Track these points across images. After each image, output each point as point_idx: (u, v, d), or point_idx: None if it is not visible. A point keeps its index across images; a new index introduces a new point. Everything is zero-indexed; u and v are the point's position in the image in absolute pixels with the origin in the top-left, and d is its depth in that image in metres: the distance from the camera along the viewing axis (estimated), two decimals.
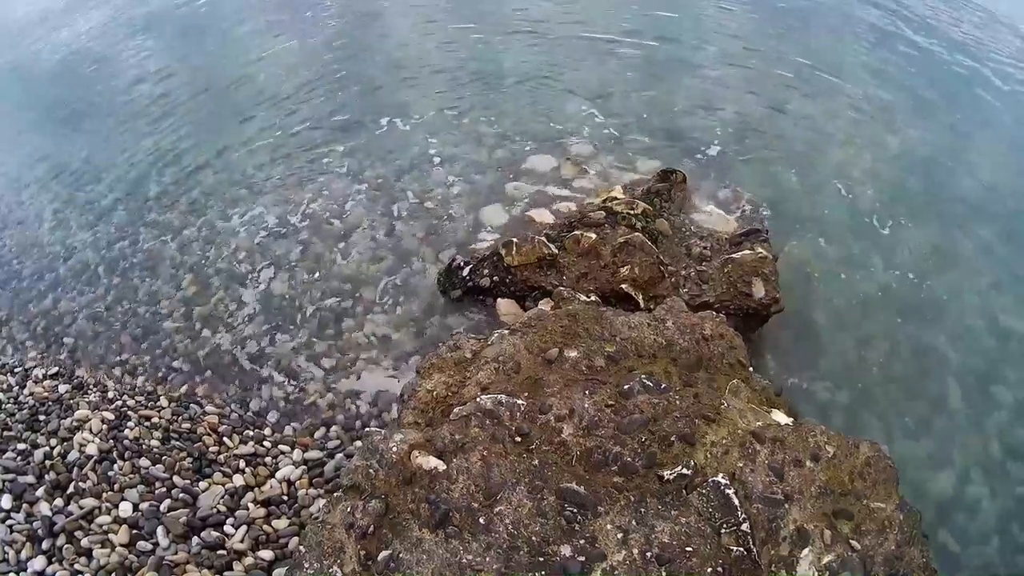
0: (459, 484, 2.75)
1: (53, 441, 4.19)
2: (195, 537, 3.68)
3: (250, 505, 3.94)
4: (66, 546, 3.54)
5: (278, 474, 4.18)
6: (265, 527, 3.82)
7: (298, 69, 8.62)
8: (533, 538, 2.57)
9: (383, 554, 2.60)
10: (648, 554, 2.52)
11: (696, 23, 9.23)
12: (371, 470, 2.86)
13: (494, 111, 7.42)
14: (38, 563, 3.46)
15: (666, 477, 2.77)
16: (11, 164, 7.91)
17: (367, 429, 4.43)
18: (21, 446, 4.13)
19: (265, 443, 4.45)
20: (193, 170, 7.15)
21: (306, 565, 2.62)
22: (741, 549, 2.56)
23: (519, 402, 3.11)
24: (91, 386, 4.84)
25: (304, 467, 4.25)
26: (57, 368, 5.12)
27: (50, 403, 4.60)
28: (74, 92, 9.11)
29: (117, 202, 6.94)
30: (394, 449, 2.90)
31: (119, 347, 5.36)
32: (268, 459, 4.32)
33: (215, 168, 7.13)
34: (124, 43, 10.25)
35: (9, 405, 4.58)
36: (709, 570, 2.49)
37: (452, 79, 8.05)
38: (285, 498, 4.05)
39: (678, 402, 3.12)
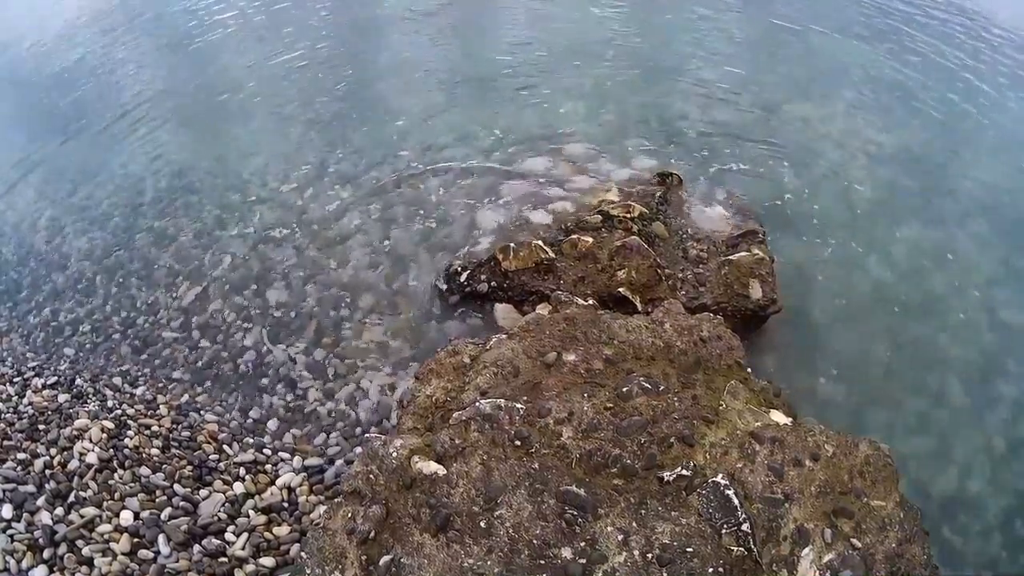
0: (459, 488, 2.75)
1: (53, 450, 4.18)
2: (196, 545, 3.67)
3: (251, 512, 3.94)
4: (67, 555, 3.53)
5: (278, 481, 4.18)
6: (266, 534, 3.82)
7: (293, 75, 8.64)
8: (534, 541, 2.58)
9: (384, 559, 2.60)
10: (649, 555, 2.52)
11: (690, 25, 9.27)
12: (371, 476, 2.86)
13: (489, 114, 7.44)
14: (39, 572, 3.45)
15: (666, 478, 2.78)
16: (6, 171, 7.87)
17: (367, 435, 4.42)
18: (21, 456, 4.12)
19: (265, 450, 4.45)
20: (189, 176, 7.14)
21: (308, 571, 2.62)
22: (742, 549, 2.56)
23: (518, 406, 3.11)
24: (90, 395, 4.83)
25: (304, 474, 4.25)
26: (56, 378, 5.11)
27: (49, 412, 4.59)
28: (69, 99, 9.09)
29: (113, 209, 6.93)
30: (394, 454, 2.90)
31: (119, 358, 5.36)
32: (268, 466, 4.32)
33: (211, 174, 7.12)
34: (118, 50, 10.25)
35: (8, 415, 4.57)
36: (710, 570, 2.49)
37: (447, 83, 8.09)
38: (286, 505, 4.04)
39: (677, 403, 3.12)
